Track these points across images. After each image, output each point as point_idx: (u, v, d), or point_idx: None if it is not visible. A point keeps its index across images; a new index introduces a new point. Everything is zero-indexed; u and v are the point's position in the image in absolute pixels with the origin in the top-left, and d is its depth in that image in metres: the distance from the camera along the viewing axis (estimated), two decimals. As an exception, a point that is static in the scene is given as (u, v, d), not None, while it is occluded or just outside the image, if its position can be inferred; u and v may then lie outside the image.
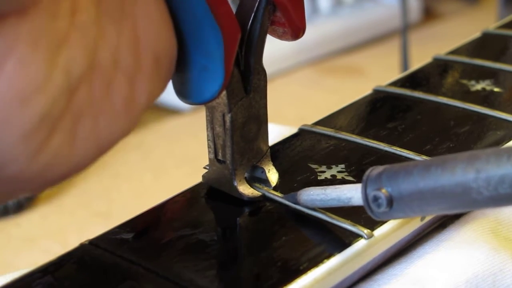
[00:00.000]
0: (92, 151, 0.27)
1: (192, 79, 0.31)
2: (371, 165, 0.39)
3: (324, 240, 0.33)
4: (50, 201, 1.48)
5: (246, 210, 0.36)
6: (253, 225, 0.35)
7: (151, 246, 0.33)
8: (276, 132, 0.44)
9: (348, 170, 0.39)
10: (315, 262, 0.32)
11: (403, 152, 0.40)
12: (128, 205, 1.43)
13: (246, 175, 0.37)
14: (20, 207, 1.45)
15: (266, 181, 0.37)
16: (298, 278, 0.31)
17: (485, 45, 0.57)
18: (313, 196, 0.34)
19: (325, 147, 0.41)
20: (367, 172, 0.31)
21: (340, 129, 0.42)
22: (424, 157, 0.39)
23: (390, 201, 0.30)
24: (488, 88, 0.48)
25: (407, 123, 0.44)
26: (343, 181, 0.37)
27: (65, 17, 0.25)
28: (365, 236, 0.33)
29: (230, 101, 0.35)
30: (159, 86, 0.29)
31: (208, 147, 0.37)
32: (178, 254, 0.32)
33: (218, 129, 0.36)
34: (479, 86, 0.48)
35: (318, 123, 0.43)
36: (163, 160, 1.55)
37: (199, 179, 0.38)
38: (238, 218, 0.35)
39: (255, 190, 0.36)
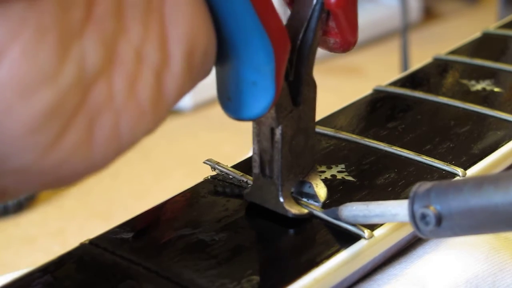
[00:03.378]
0: (112, 150, 0.26)
1: (239, 94, 0.30)
2: (371, 165, 0.39)
3: (324, 240, 0.33)
4: (50, 201, 1.48)
5: (246, 210, 0.36)
6: (253, 225, 0.35)
7: (151, 246, 0.33)
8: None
9: (348, 170, 0.39)
10: (315, 262, 0.32)
11: (403, 152, 0.40)
12: (128, 205, 1.43)
13: (292, 190, 0.35)
14: (20, 207, 1.45)
15: (314, 196, 0.35)
16: (298, 278, 0.31)
17: (485, 45, 0.57)
18: (355, 212, 0.32)
19: (325, 147, 0.41)
20: (414, 188, 0.29)
21: (340, 129, 0.42)
22: (424, 157, 0.39)
23: (439, 219, 0.28)
24: (488, 88, 0.48)
25: (407, 123, 0.44)
26: (343, 181, 0.37)
27: (80, 8, 0.24)
28: (365, 236, 0.33)
29: (279, 115, 0.33)
30: (190, 84, 0.28)
31: (253, 161, 0.35)
32: (178, 254, 0.32)
33: (265, 143, 0.34)
34: (479, 86, 0.48)
35: (318, 123, 0.43)
36: (163, 160, 1.55)
37: (199, 179, 0.38)
38: (237, 218, 0.35)
39: (301, 208, 0.34)
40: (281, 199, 0.34)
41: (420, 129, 0.43)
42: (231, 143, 1.58)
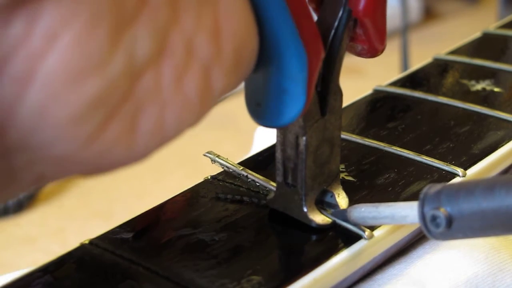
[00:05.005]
0: (154, 142, 0.25)
1: (269, 101, 0.29)
2: (371, 165, 0.39)
3: (324, 240, 0.33)
4: (50, 201, 1.49)
5: (246, 210, 0.36)
6: (253, 225, 0.35)
7: (151, 246, 0.33)
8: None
9: (348, 170, 0.39)
10: (315, 262, 0.32)
11: (403, 152, 0.40)
12: (128, 205, 1.43)
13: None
14: (20, 207, 1.45)
15: (335, 206, 0.34)
16: (298, 278, 0.31)
17: (485, 45, 0.57)
18: (364, 213, 0.32)
19: (325, 147, 0.41)
20: (424, 190, 0.29)
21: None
22: (424, 157, 0.39)
23: (450, 221, 0.28)
24: (488, 88, 0.48)
25: (407, 123, 0.44)
26: (343, 181, 0.37)
27: None
28: (365, 236, 0.33)
29: (306, 124, 0.33)
30: (235, 81, 0.27)
31: (277, 170, 0.34)
32: (178, 254, 0.32)
33: (290, 152, 0.34)
34: (479, 86, 0.48)
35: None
36: (163, 160, 1.55)
37: (199, 179, 0.38)
38: (237, 218, 0.35)
39: (326, 217, 0.34)
40: (305, 209, 0.34)
41: (420, 129, 0.43)
42: (231, 142, 1.58)
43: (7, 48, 0.21)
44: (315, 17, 0.33)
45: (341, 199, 0.35)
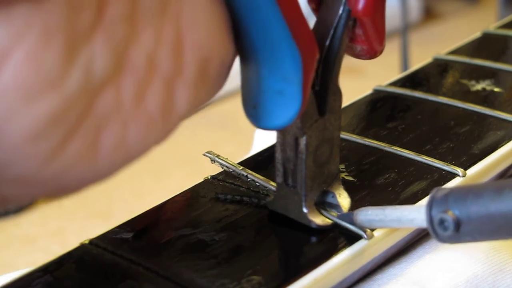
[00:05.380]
0: (118, 160, 0.25)
1: (265, 103, 0.29)
2: (371, 165, 0.39)
3: (324, 240, 0.33)
4: (50, 201, 1.48)
5: (246, 210, 0.36)
6: (252, 225, 0.35)
7: (151, 246, 0.33)
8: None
9: (348, 170, 0.39)
10: (315, 262, 0.32)
11: (403, 152, 0.40)
12: (128, 205, 1.43)
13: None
14: (20, 207, 1.45)
15: (337, 206, 0.34)
16: (298, 278, 0.31)
17: (485, 45, 0.57)
18: (371, 216, 0.32)
19: (325, 147, 0.41)
20: (431, 193, 0.29)
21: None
22: (424, 157, 0.39)
23: (458, 224, 0.28)
24: (488, 88, 0.48)
25: (407, 123, 0.44)
26: (343, 181, 0.37)
27: (90, 10, 0.23)
28: (365, 236, 0.33)
29: (304, 124, 0.32)
30: (204, 94, 0.26)
31: (276, 171, 0.34)
32: (178, 254, 0.32)
33: (289, 152, 0.33)
34: (479, 86, 0.48)
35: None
36: (163, 160, 1.55)
37: (199, 179, 0.38)
38: (237, 218, 0.35)
39: (325, 218, 0.34)
40: (305, 210, 0.34)
41: (420, 129, 0.43)
42: (231, 142, 1.58)
43: None
44: (314, 18, 0.33)
45: (343, 199, 0.34)
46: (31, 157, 0.23)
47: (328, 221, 0.34)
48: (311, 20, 0.31)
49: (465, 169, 0.38)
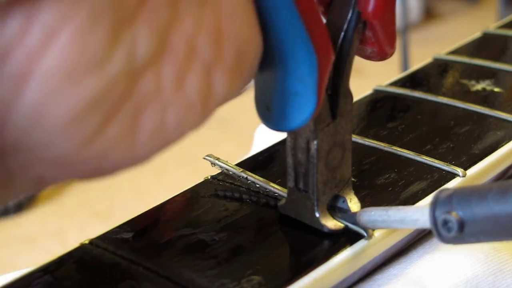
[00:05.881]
0: (156, 144, 0.25)
1: (280, 105, 0.29)
2: (371, 165, 0.39)
3: (324, 240, 0.33)
4: (50, 201, 1.49)
5: (246, 210, 0.36)
6: (252, 225, 0.35)
7: (151, 246, 0.33)
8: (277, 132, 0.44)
9: (348, 170, 0.39)
10: (315, 262, 0.32)
11: (403, 152, 0.40)
12: (128, 205, 1.43)
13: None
14: (20, 207, 1.45)
15: (347, 211, 0.34)
16: (298, 278, 0.31)
17: (485, 45, 0.57)
18: (374, 217, 0.32)
19: (325, 147, 0.41)
20: (435, 194, 0.29)
21: (340, 129, 0.42)
22: (424, 157, 0.39)
23: (462, 225, 0.28)
24: (488, 88, 0.48)
25: (407, 123, 0.44)
26: (343, 181, 0.37)
27: None
28: (365, 236, 0.33)
29: (317, 127, 0.32)
30: (239, 84, 0.27)
31: (288, 175, 0.34)
32: (178, 254, 0.32)
33: (301, 156, 0.33)
34: (479, 86, 0.48)
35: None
36: (163, 160, 1.55)
37: (199, 179, 0.38)
38: (237, 218, 0.35)
39: (338, 222, 0.34)
40: (317, 214, 0.33)
41: (420, 129, 0.43)
42: (231, 143, 1.58)
43: (3, 46, 0.21)
44: (323, 20, 0.33)
45: (353, 204, 0.34)
46: (71, 138, 0.23)
47: (340, 225, 0.34)
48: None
49: (465, 169, 0.38)
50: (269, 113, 0.29)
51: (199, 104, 0.25)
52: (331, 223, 0.34)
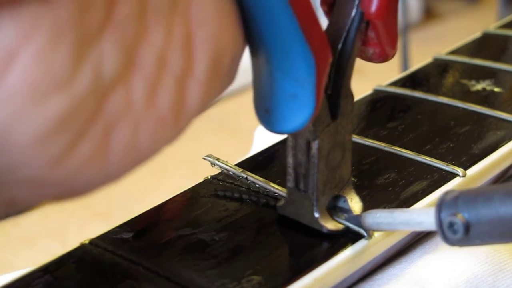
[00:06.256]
0: (128, 161, 0.24)
1: (278, 107, 0.29)
2: (371, 165, 0.39)
3: (324, 240, 0.33)
4: (56, 203, 1.48)
5: (246, 210, 0.36)
6: (252, 225, 0.35)
7: (151, 246, 0.33)
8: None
9: (348, 170, 0.39)
10: (315, 262, 0.32)
11: (403, 152, 0.40)
12: (128, 205, 1.43)
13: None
14: (23, 210, 1.45)
15: (348, 211, 0.34)
16: (298, 278, 0.31)
17: (485, 45, 0.57)
18: (379, 219, 0.32)
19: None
20: (441, 196, 0.29)
21: (340, 129, 0.42)
22: (424, 157, 0.39)
23: (467, 227, 0.28)
24: (488, 88, 0.48)
25: (407, 123, 0.44)
26: (343, 181, 0.37)
27: (100, 8, 0.22)
28: (366, 236, 0.33)
29: (316, 128, 0.32)
30: (215, 91, 0.26)
31: (288, 175, 0.34)
32: (178, 254, 0.32)
33: (301, 157, 0.33)
34: (479, 86, 0.48)
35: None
36: (163, 160, 1.55)
37: (199, 179, 0.38)
38: (237, 218, 0.35)
39: (337, 223, 0.34)
40: (316, 215, 0.33)
41: (420, 129, 0.43)
42: (231, 143, 1.58)
43: None
44: (326, 20, 0.32)
45: (354, 204, 0.34)
46: (40, 160, 0.22)
47: (340, 226, 0.33)
48: (323, 23, 0.31)
49: (465, 169, 0.38)
50: (268, 115, 0.29)
51: (172, 118, 0.25)
52: (331, 224, 0.33)
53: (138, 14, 0.23)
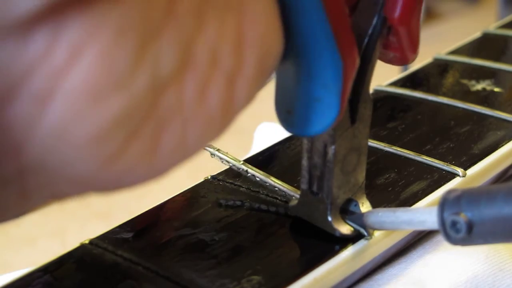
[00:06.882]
0: (176, 159, 0.24)
1: (301, 109, 0.28)
2: (371, 165, 0.39)
3: (324, 240, 0.33)
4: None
5: (246, 210, 0.36)
6: (253, 225, 0.35)
7: (151, 246, 0.33)
8: (277, 131, 0.44)
9: (348, 170, 0.38)
10: (316, 262, 0.32)
11: (403, 152, 0.40)
12: (128, 205, 1.43)
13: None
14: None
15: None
16: (298, 278, 0.31)
17: (485, 45, 0.57)
18: (381, 218, 0.32)
19: (325, 147, 0.41)
20: (443, 195, 0.29)
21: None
22: (424, 157, 0.39)
23: (470, 227, 0.28)
24: (488, 88, 0.48)
25: (407, 123, 0.44)
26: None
27: (162, 5, 0.22)
28: (366, 236, 0.33)
29: (336, 132, 0.32)
30: (257, 90, 0.26)
31: (302, 177, 0.34)
32: (178, 254, 0.32)
33: (317, 160, 0.33)
34: (479, 86, 0.48)
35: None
36: (163, 160, 1.55)
37: (199, 179, 0.38)
38: (237, 218, 0.35)
39: (350, 227, 0.33)
40: (330, 218, 0.33)
41: (420, 129, 0.43)
42: (231, 143, 1.58)
43: (27, 65, 0.20)
44: None
45: (365, 209, 0.34)
46: (93, 159, 0.22)
47: (352, 230, 0.33)
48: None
49: (465, 169, 0.38)
50: (290, 117, 0.29)
51: (220, 116, 0.24)
52: (344, 228, 0.33)
53: (198, 9, 0.23)
